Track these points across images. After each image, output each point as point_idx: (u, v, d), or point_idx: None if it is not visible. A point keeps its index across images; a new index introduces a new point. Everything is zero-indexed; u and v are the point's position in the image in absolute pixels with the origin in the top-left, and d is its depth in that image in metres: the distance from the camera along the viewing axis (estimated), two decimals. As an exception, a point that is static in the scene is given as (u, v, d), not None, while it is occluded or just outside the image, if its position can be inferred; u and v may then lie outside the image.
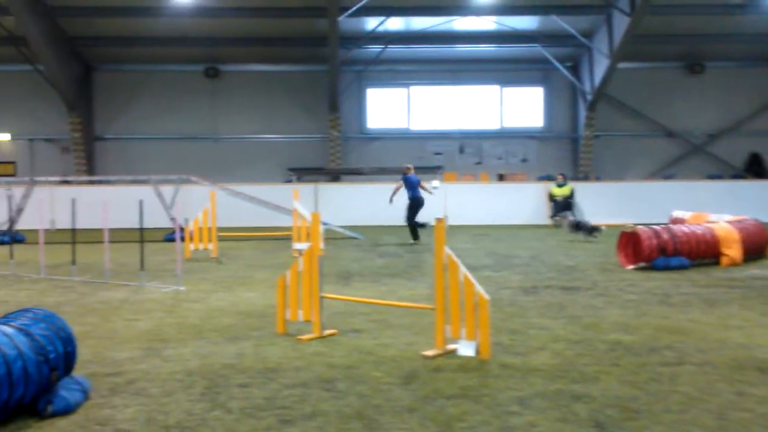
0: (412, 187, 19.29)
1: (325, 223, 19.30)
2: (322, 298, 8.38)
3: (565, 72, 31.02)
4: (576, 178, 29.65)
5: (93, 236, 16.31)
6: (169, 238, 19.59)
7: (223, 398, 6.09)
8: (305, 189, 21.72)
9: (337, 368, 6.98)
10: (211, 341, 8.14)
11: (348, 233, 20.32)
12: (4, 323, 5.88)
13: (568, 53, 31.24)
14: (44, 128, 30.25)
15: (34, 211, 17.94)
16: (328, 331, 8.38)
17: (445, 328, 7.46)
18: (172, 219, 19.70)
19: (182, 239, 15.40)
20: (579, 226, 19.93)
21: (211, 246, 16.38)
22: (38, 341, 5.73)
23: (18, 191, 20.78)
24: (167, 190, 20.59)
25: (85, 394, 6.05)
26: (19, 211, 20.42)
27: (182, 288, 11.74)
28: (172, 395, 6.18)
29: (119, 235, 15.88)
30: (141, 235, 12.79)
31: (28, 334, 5.73)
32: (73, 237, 13.65)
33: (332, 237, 20.07)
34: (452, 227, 23.15)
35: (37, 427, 5.45)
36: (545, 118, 32.71)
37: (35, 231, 16.16)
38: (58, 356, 5.85)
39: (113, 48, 29.32)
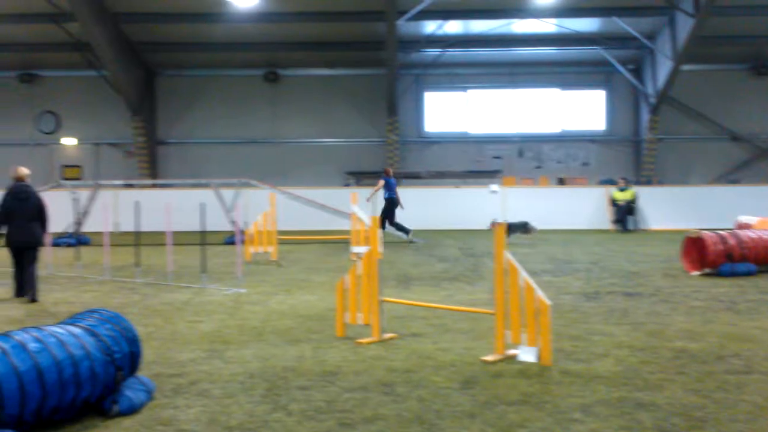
0: (390, 188, 20.07)
1: (383, 227, 19.39)
2: (381, 301, 8.37)
3: (627, 74, 30.56)
4: (638, 182, 29.17)
5: (156, 239, 16.59)
6: (230, 240, 19.82)
7: (284, 401, 6.13)
8: (364, 192, 21.79)
9: (397, 372, 6.97)
10: (271, 343, 8.20)
11: (406, 237, 20.31)
12: (71, 324, 6.01)
13: (630, 55, 30.77)
14: (109, 133, 30.88)
15: (100, 213, 18.33)
16: (387, 335, 8.37)
17: (505, 333, 7.40)
18: (233, 222, 19.93)
19: (242, 242, 15.55)
20: (510, 228, 20.07)
21: (270, 249, 16.52)
22: (105, 342, 5.84)
23: (84, 194, 21.26)
24: (228, 193, 20.84)
25: (150, 395, 6.14)
26: (85, 213, 20.87)
27: (243, 290, 11.86)
28: (233, 397, 6.25)
29: (181, 238, 16.12)
30: (202, 238, 12.96)
31: (95, 335, 5.85)
32: (137, 239, 13.90)
33: (391, 241, 20.07)
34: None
35: (103, 427, 5.55)
36: (607, 121, 32.27)
37: (100, 233, 16.47)
38: (123, 357, 5.96)
39: (175, 53, 29.80)
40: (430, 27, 27.80)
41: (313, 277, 13.64)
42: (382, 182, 20.17)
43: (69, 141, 31.00)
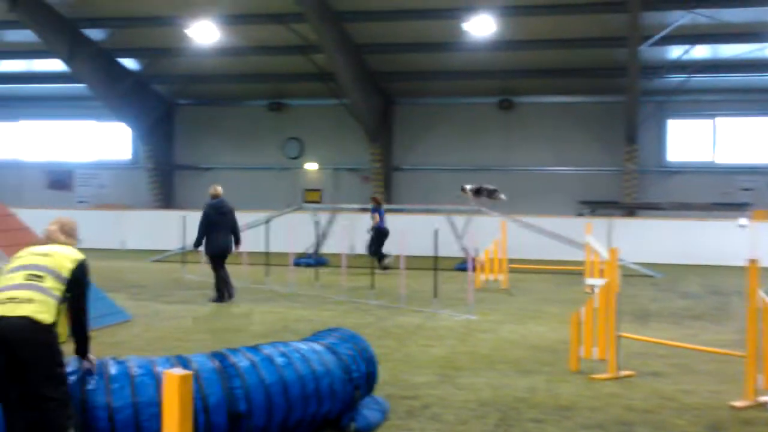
0: (383, 217, 19.98)
1: (619, 260, 18.63)
2: (618, 337, 8.04)
3: None
4: None
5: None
6: (460, 267, 19.90)
7: (516, 432, 6.01)
8: (598, 223, 21.15)
9: (636, 412, 6.65)
10: (502, 373, 8.11)
11: (644, 271, 19.45)
12: (313, 341, 6.25)
13: None
14: (347, 158, 32.17)
15: (337, 236, 19.09)
16: (624, 372, 8.02)
17: (757, 377, 6.83)
18: (463, 249, 20.03)
19: (473, 269, 15.55)
20: (479, 191, 20.65)
21: (501, 277, 16.41)
22: (344, 360, 6.02)
23: (323, 217, 22.27)
24: (459, 219, 21.00)
25: (384, 415, 6.25)
26: (324, 235, 21.83)
27: (473, 317, 11.84)
28: (466, 424, 6.21)
29: (413, 263, 16.37)
30: (435, 263, 13.10)
31: (335, 353, 6.04)
32: (372, 262, 14.30)
33: (626, 274, 19.29)
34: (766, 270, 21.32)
35: (340, 443, 5.71)
36: None
37: (337, 255, 17.14)
38: (361, 376, 6.10)
39: (412, 82, 30.57)
40: (676, 52, 26.58)
41: (544, 307, 13.37)
42: (377, 215, 19.94)
43: (311, 166, 32.65)
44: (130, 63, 28.88)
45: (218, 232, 13.24)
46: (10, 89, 31.79)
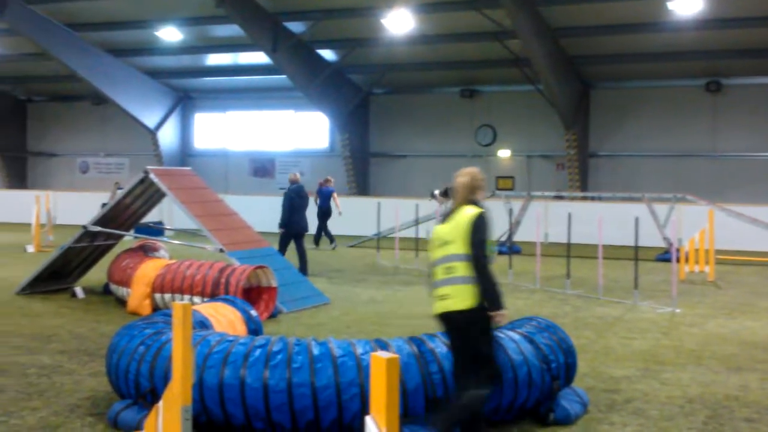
0: (323, 198, 21.14)
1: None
2: None
3: None
4: None
5: (585, 251, 16.54)
6: (662, 258, 19.03)
7: (728, 431, 5.63)
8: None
9: None
10: (710, 369, 7.66)
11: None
12: (510, 329, 6.12)
13: None
14: (541, 145, 31.59)
15: (530, 224, 18.77)
16: None
17: None
18: (666, 238, 19.14)
19: (677, 260, 14.81)
20: (447, 193, 20.02)
21: (707, 268, 15.51)
22: (542, 350, 5.86)
23: (516, 205, 21.98)
24: (661, 208, 20.07)
25: (584, 407, 6.04)
26: (517, 223, 21.55)
27: (677, 310, 11.25)
28: (671, 420, 5.90)
29: (611, 252, 15.78)
30: (635, 253, 12.57)
31: (532, 342, 5.90)
32: (568, 251, 13.93)
33: None
34: None
35: (539, 433, 5.57)
36: None
37: (531, 243, 16.85)
38: (559, 366, 5.93)
39: (611, 65, 29.50)
40: None
41: (757, 301, 12.48)
42: (315, 195, 20.84)
43: (503, 153, 32.35)
44: (328, 54, 29.78)
45: (299, 214, 14.71)
46: (219, 82, 33.72)
